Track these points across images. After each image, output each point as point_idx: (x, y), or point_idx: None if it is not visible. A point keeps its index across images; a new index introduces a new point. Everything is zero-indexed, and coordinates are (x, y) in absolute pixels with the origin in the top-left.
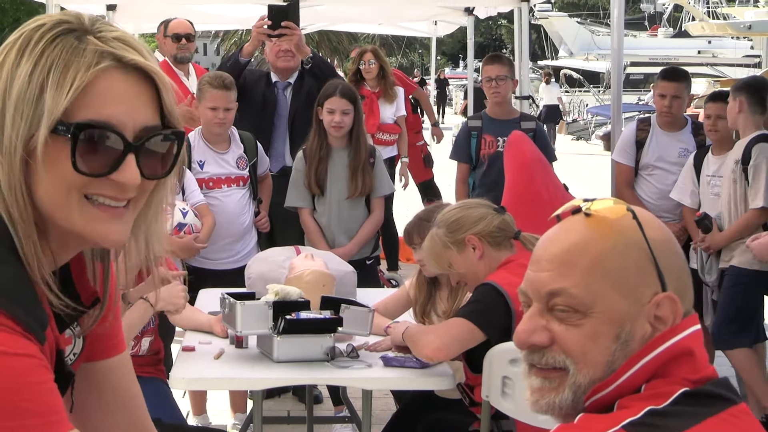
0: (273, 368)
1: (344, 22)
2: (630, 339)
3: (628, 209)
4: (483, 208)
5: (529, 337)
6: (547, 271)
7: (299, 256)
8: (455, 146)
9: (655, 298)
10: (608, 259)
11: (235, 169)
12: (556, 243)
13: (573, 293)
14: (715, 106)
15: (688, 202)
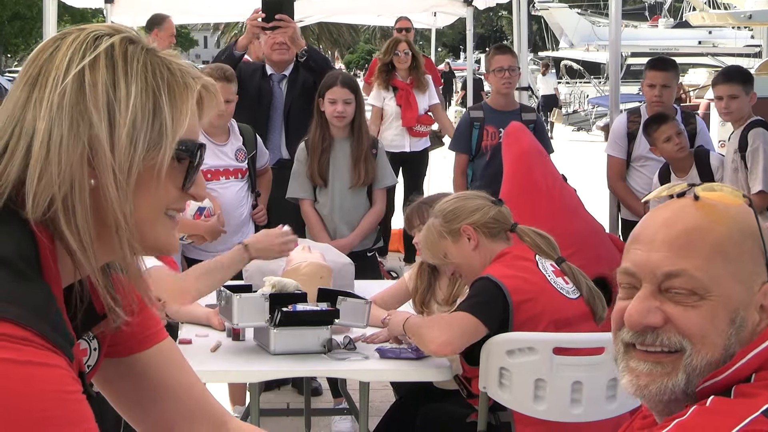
0: (270, 361)
1: (344, 14)
2: (743, 325)
3: (744, 196)
4: (480, 200)
5: (644, 317)
6: (663, 252)
7: (296, 248)
8: (456, 136)
9: (764, 287)
10: (728, 245)
11: (233, 162)
12: (671, 226)
13: (695, 275)
14: (725, 87)
15: None
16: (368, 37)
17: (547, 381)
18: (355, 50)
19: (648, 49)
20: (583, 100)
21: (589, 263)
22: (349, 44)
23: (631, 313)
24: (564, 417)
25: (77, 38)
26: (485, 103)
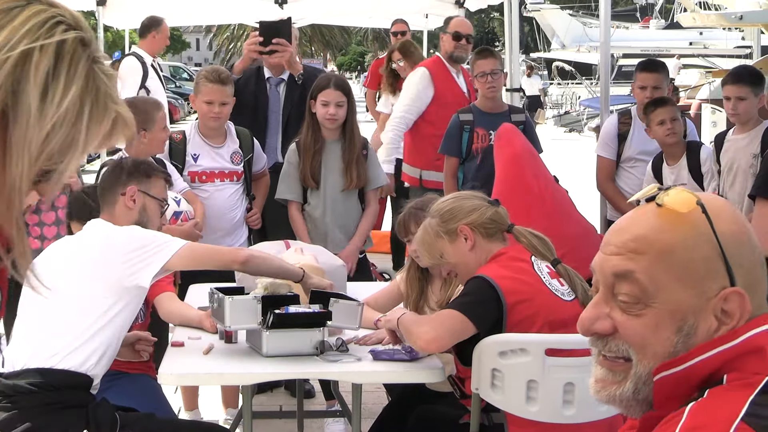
0: (262, 363)
1: (336, 16)
2: (692, 332)
3: (698, 202)
4: (477, 200)
5: (592, 324)
6: (616, 254)
7: (289, 251)
8: (446, 139)
9: (722, 292)
10: (676, 252)
11: (228, 164)
12: (627, 230)
13: (638, 278)
14: (665, 110)
15: None
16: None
17: (539, 382)
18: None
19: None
20: (575, 101)
21: (582, 264)
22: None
23: (582, 318)
24: (556, 418)
25: (39, 15)
26: (474, 106)
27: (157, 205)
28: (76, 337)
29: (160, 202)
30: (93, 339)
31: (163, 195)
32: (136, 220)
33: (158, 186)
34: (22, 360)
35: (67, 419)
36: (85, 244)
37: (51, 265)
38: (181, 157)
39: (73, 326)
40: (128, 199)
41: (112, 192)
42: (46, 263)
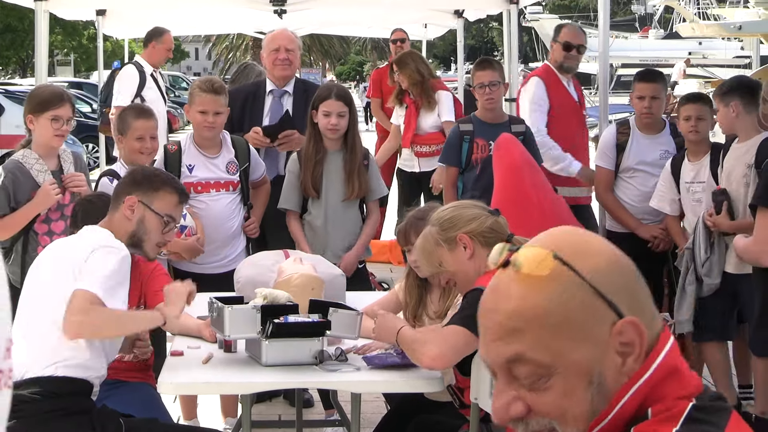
0: (262, 372)
1: (335, 26)
2: (603, 380)
3: (554, 256)
4: (477, 209)
5: (506, 413)
6: (497, 340)
7: (288, 260)
8: (446, 149)
9: (614, 328)
10: (554, 313)
11: (224, 174)
12: (497, 310)
13: (530, 357)
14: (694, 107)
15: (668, 209)
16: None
17: None
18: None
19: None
20: None
21: None
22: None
23: (495, 412)
24: None
25: None
26: (474, 116)
27: (158, 221)
28: (70, 344)
29: (161, 217)
30: (87, 345)
31: (167, 211)
32: (132, 231)
33: (165, 201)
34: (21, 369)
35: (71, 426)
36: (72, 249)
37: (43, 269)
38: (177, 168)
39: (56, 330)
40: (126, 208)
41: (117, 198)
42: (39, 267)
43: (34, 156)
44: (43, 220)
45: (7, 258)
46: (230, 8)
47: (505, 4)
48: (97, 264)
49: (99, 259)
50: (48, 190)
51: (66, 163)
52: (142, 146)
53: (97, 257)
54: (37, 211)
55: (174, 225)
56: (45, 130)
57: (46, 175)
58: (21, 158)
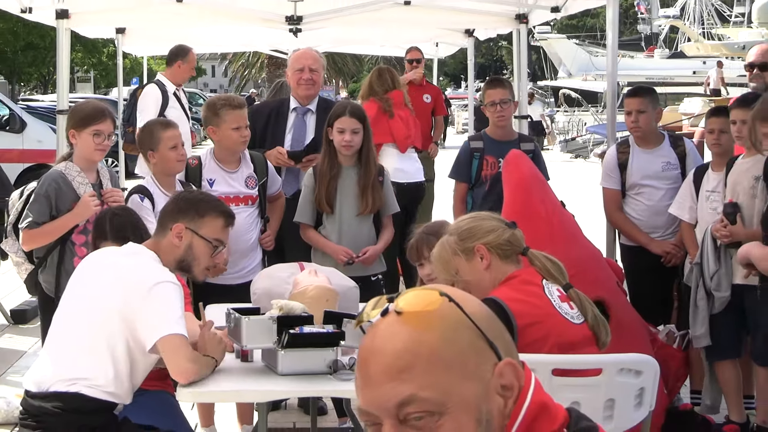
0: (277, 381)
1: (348, 44)
2: (490, 418)
3: (441, 294)
4: (495, 221)
5: None
6: (387, 384)
7: (303, 272)
8: (456, 165)
9: (495, 369)
10: (443, 351)
11: (243, 188)
12: (383, 352)
13: (423, 396)
14: (718, 121)
15: (686, 217)
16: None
17: None
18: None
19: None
20: (581, 127)
21: (588, 287)
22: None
23: None
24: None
25: None
26: (485, 133)
27: (206, 246)
28: (96, 365)
29: (210, 242)
30: (112, 367)
31: (215, 236)
32: (180, 257)
33: (211, 226)
34: (47, 382)
35: None
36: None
37: (85, 286)
38: (197, 183)
39: (90, 352)
40: (174, 236)
41: (163, 223)
42: (82, 282)
43: (76, 169)
44: (81, 231)
45: (41, 267)
46: (246, 27)
47: (514, 23)
48: (166, 302)
49: (165, 297)
50: (88, 202)
51: (105, 179)
52: (178, 154)
53: (161, 294)
54: (76, 222)
55: (223, 247)
56: (86, 144)
57: (87, 188)
58: (64, 169)
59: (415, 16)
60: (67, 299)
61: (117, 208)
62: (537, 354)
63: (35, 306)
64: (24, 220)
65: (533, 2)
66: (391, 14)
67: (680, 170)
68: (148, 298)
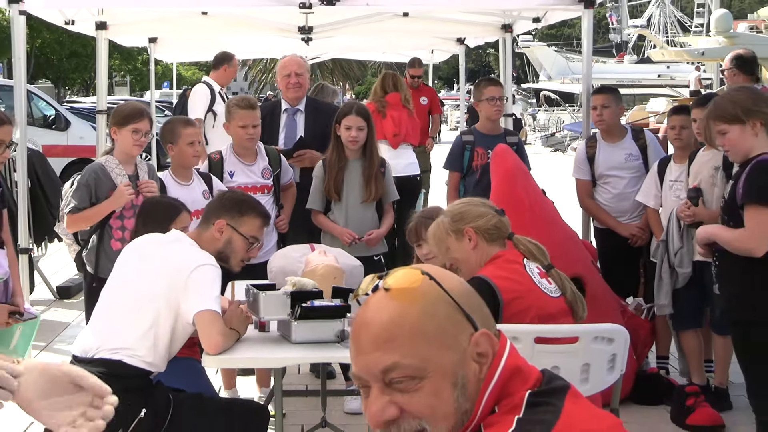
0: (291, 349)
1: (353, 51)
2: (466, 382)
3: (423, 273)
4: (485, 208)
5: (381, 416)
6: (374, 352)
7: (314, 253)
8: (450, 157)
9: (472, 339)
10: (424, 323)
11: (260, 179)
12: (371, 325)
13: (405, 364)
14: (678, 118)
15: (652, 203)
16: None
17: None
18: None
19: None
20: (560, 124)
21: (567, 265)
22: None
23: (370, 416)
24: None
25: None
26: (475, 128)
27: (243, 242)
28: (138, 338)
29: (247, 239)
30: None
31: (252, 233)
32: (220, 249)
33: (250, 225)
34: (92, 349)
35: (129, 401)
36: (169, 257)
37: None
38: (219, 174)
39: (135, 326)
40: (216, 230)
41: (207, 218)
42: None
43: (115, 161)
44: (118, 216)
45: (85, 247)
46: (264, 36)
47: (500, 32)
48: (206, 282)
49: (205, 277)
50: (123, 191)
51: (141, 171)
52: (194, 150)
53: (203, 275)
54: (112, 208)
55: (257, 244)
56: (126, 140)
57: (123, 178)
58: (104, 162)
59: (412, 26)
60: (114, 279)
61: (159, 197)
62: (521, 324)
63: (79, 283)
64: (68, 205)
65: (517, 14)
66: (391, 25)
67: (642, 160)
68: (191, 278)
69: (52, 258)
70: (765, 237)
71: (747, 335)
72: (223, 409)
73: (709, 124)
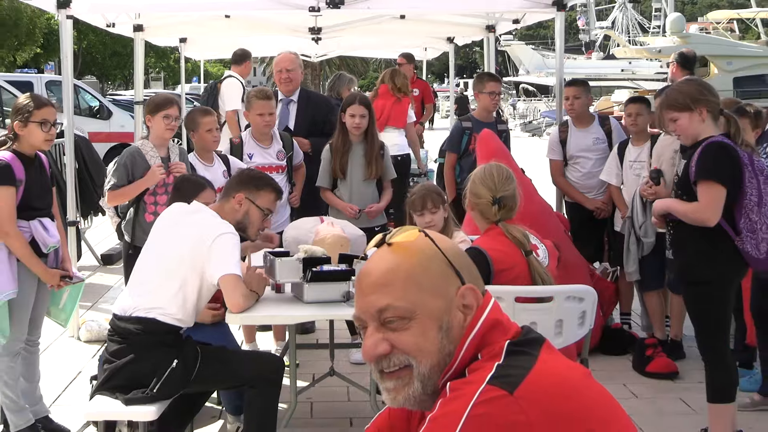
0: (303, 307)
1: (357, 49)
2: (450, 327)
3: (420, 231)
4: (487, 191)
5: (374, 350)
6: (372, 295)
7: (323, 224)
8: (449, 139)
9: (459, 291)
10: (416, 273)
11: (275, 160)
12: (372, 273)
13: (397, 305)
14: (634, 107)
15: (614, 181)
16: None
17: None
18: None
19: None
20: (536, 113)
21: (543, 234)
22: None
23: (364, 351)
24: None
25: None
26: (472, 116)
27: (260, 214)
28: (169, 298)
29: (263, 211)
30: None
31: (267, 206)
32: (239, 220)
33: (265, 198)
34: (129, 308)
35: (162, 354)
36: (194, 226)
37: (162, 234)
38: (240, 156)
39: (165, 288)
40: (235, 202)
41: (228, 192)
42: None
43: (150, 145)
44: (151, 193)
45: (123, 218)
46: (279, 36)
47: (485, 32)
48: (227, 249)
49: (227, 244)
50: (155, 170)
51: (173, 154)
52: (212, 136)
53: (224, 242)
54: (146, 186)
55: (271, 215)
56: (159, 125)
57: (157, 160)
58: (140, 146)
59: (408, 27)
60: (147, 247)
61: (189, 175)
62: (504, 285)
63: (119, 251)
64: (108, 183)
65: (499, 16)
66: (390, 26)
67: (607, 143)
68: (214, 245)
69: (97, 229)
70: (717, 209)
71: (696, 293)
72: (245, 360)
73: (661, 113)
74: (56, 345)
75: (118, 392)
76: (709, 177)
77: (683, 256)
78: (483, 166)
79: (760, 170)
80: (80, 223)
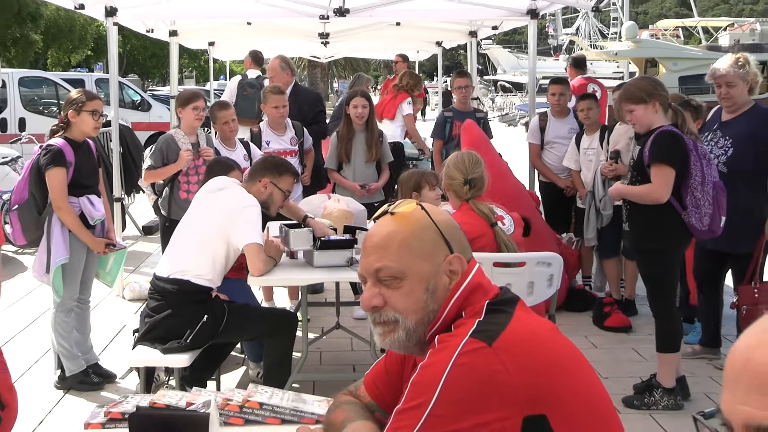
0: (313, 271)
1: (359, 51)
2: (435, 289)
3: (417, 204)
4: (460, 174)
5: (370, 302)
6: (372, 255)
7: (330, 200)
8: (435, 128)
9: (447, 258)
10: (410, 239)
11: (289, 146)
12: (374, 236)
13: (391, 266)
14: (586, 102)
15: (573, 166)
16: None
17: None
18: None
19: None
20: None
21: (517, 209)
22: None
23: (363, 301)
24: None
25: None
26: (453, 107)
27: (281, 195)
28: (201, 262)
29: (284, 193)
30: (212, 268)
31: (287, 188)
32: (264, 200)
33: (286, 181)
34: (168, 271)
35: (193, 309)
36: (226, 199)
37: (199, 207)
38: (258, 143)
39: (198, 253)
40: (261, 186)
41: (254, 176)
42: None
43: (182, 133)
44: (184, 174)
45: (160, 196)
46: (293, 40)
47: (468, 37)
48: (252, 219)
49: (251, 214)
50: (183, 156)
51: (202, 140)
52: (229, 127)
53: (249, 213)
54: (178, 168)
55: (289, 195)
56: (189, 116)
57: (187, 146)
58: (174, 133)
59: (404, 32)
60: (184, 220)
61: (220, 157)
62: (484, 252)
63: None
64: (146, 164)
65: (480, 23)
66: (388, 32)
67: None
68: (241, 215)
69: (139, 205)
70: (668, 188)
71: (648, 260)
72: (264, 316)
73: (620, 105)
74: (104, 303)
75: (157, 343)
76: (661, 160)
77: (637, 228)
78: (456, 153)
79: (704, 154)
80: (124, 199)
